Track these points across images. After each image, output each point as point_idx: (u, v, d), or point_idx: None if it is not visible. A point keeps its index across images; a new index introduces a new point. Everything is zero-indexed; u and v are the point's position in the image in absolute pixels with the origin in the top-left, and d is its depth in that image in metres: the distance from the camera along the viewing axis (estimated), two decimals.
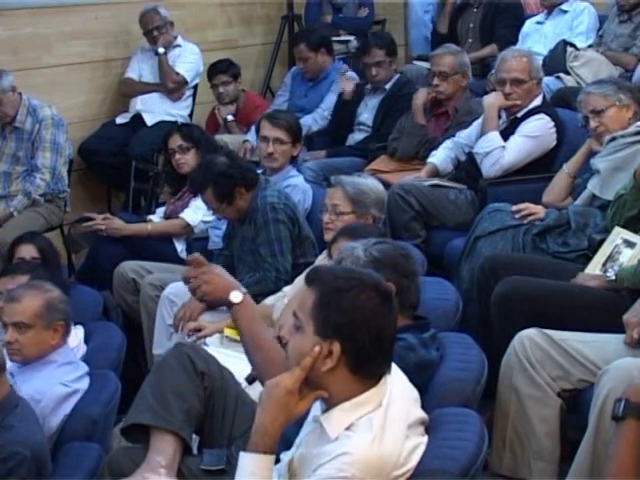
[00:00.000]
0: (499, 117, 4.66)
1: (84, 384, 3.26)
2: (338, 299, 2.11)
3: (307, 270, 2.34)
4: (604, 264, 3.56)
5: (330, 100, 6.01)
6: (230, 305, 2.55)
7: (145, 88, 6.20)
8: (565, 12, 5.96)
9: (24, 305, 3.26)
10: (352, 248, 2.81)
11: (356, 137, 5.73)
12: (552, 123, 4.56)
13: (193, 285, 2.61)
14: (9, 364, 3.29)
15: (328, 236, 3.66)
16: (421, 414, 2.29)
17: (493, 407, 3.29)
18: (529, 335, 3.21)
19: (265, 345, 2.51)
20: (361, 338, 2.09)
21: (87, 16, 6.12)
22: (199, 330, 3.87)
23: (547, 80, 5.19)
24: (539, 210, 4.06)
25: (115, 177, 6.14)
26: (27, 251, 4.28)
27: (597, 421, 2.84)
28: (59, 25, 5.95)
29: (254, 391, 2.72)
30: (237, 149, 5.60)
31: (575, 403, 3.20)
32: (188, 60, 6.21)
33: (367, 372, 2.14)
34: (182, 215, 4.79)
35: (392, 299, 2.17)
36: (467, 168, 4.70)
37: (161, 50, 6.10)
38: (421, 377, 2.53)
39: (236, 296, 2.54)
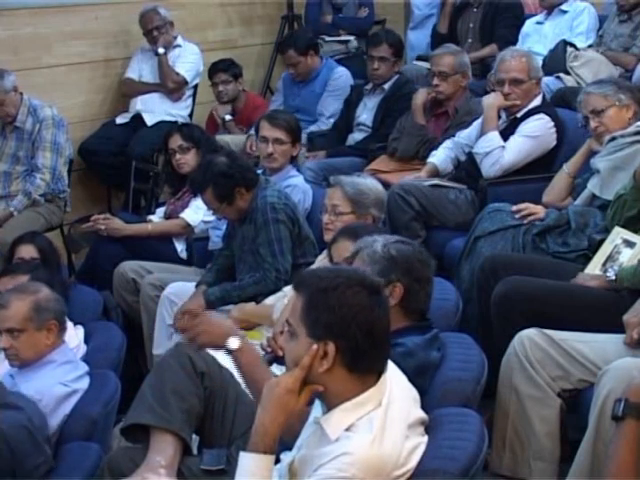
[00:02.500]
0: (499, 117, 4.66)
1: (84, 384, 3.26)
2: (325, 299, 2.11)
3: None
4: (604, 264, 3.55)
5: (334, 106, 6.00)
6: (229, 352, 2.54)
7: (145, 88, 6.20)
8: (565, 12, 5.95)
9: (12, 310, 3.24)
10: (373, 241, 2.81)
11: (356, 137, 5.72)
12: (552, 123, 4.56)
13: (190, 336, 2.59)
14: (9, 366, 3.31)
15: (328, 236, 3.66)
16: (421, 414, 2.29)
17: (493, 407, 3.29)
18: (529, 335, 3.21)
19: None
20: (353, 335, 2.10)
21: (87, 16, 6.12)
22: None
23: (547, 80, 5.19)
24: (539, 210, 4.05)
25: (115, 177, 6.14)
26: (27, 251, 4.27)
27: (597, 421, 2.84)
28: (59, 25, 5.95)
29: None
30: (239, 148, 5.60)
31: (575, 403, 3.20)
32: (188, 60, 6.22)
33: (364, 369, 2.14)
34: (182, 215, 4.80)
35: (380, 292, 2.18)
36: (467, 168, 4.70)
37: (161, 50, 6.10)
38: (421, 380, 2.53)
39: (233, 342, 2.53)
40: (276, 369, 2.75)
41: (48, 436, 3.00)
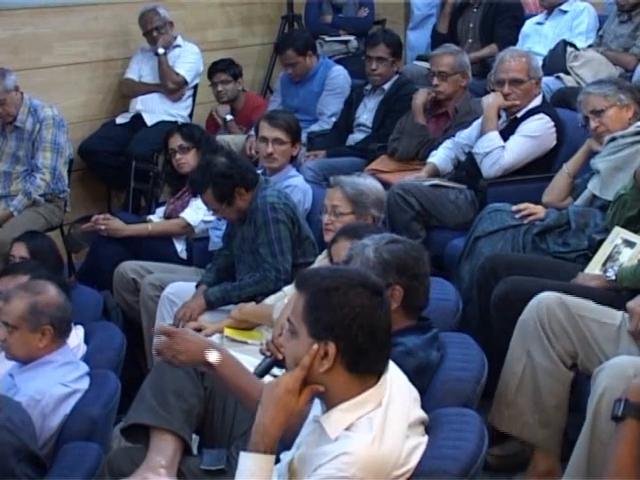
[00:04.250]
0: (499, 117, 4.66)
1: (84, 384, 3.25)
2: (327, 299, 2.11)
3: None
4: (604, 264, 3.56)
5: (334, 105, 6.00)
6: (209, 366, 2.51)
7: (145, 88, 6.21)
8: (565, 12, 5.96)
9: (10, 306, 3.25)
10: (363, 246, 2.78)
11: (356, 138, 5.72)
12: (552, 123, 4.56)
13: (167, 357, 2.55)
14: (9, 365, 3.30)
15: (328, 237, 3.65)
16: (421, 414, 2.29)
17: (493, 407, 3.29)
18: (549, 303, 3.19)
19: (254, 391, 2.44)
20: (354, 335, 2.10)
21: (87, 16, 6.13)
22: (199, 330, 3.87)
23: (547, 80, 5.19)
24: (539, 210, 4.06)
25: (115, 177, 6.15)
26: (17, 249, 4.29)
27: (593, 419, 2.83)
28: (59, 25, 5.96)
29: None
30: (239, 148, 5.60)
31: (575, 403, 3.20)
32: (188, 60, 6.22)
33: (364, 370, 2.14)
34: (182, 215, 4.80)
35: (382, 293, 2.17)
36: (467, 168, 4.70)
37: (161, 50, 6.10)
38: (420, 380, 2.52)
39: (212, 356, 2.49)
40: (277, 372, 2.74)
41: (34, 433, 2.98)
